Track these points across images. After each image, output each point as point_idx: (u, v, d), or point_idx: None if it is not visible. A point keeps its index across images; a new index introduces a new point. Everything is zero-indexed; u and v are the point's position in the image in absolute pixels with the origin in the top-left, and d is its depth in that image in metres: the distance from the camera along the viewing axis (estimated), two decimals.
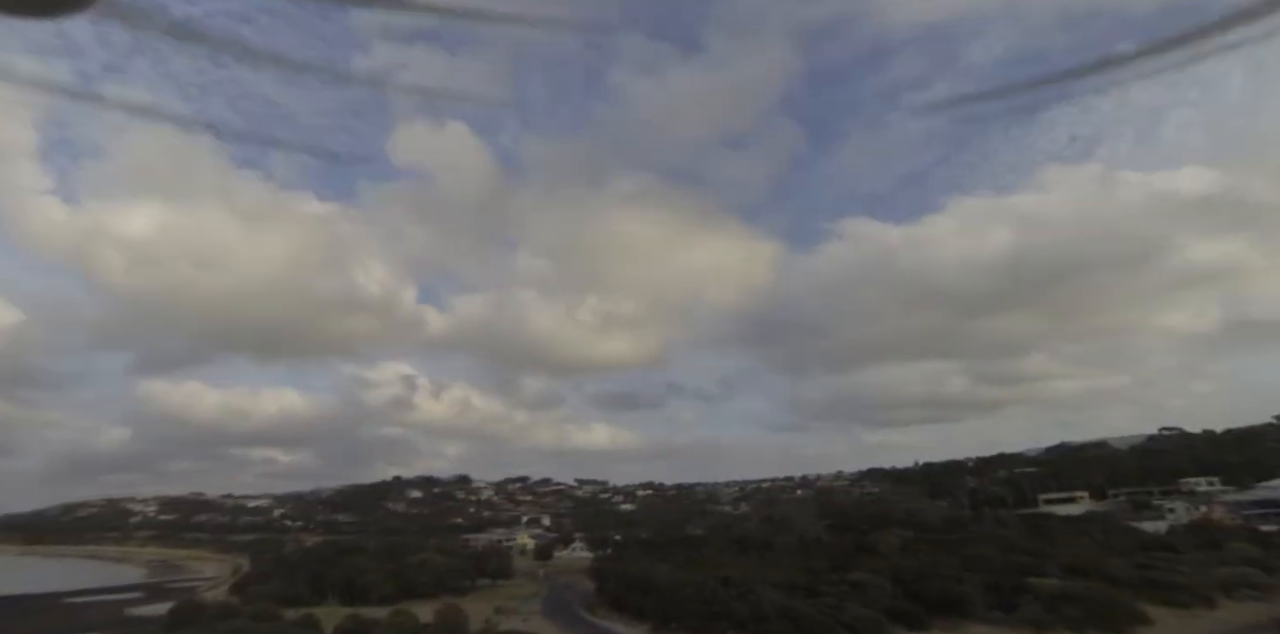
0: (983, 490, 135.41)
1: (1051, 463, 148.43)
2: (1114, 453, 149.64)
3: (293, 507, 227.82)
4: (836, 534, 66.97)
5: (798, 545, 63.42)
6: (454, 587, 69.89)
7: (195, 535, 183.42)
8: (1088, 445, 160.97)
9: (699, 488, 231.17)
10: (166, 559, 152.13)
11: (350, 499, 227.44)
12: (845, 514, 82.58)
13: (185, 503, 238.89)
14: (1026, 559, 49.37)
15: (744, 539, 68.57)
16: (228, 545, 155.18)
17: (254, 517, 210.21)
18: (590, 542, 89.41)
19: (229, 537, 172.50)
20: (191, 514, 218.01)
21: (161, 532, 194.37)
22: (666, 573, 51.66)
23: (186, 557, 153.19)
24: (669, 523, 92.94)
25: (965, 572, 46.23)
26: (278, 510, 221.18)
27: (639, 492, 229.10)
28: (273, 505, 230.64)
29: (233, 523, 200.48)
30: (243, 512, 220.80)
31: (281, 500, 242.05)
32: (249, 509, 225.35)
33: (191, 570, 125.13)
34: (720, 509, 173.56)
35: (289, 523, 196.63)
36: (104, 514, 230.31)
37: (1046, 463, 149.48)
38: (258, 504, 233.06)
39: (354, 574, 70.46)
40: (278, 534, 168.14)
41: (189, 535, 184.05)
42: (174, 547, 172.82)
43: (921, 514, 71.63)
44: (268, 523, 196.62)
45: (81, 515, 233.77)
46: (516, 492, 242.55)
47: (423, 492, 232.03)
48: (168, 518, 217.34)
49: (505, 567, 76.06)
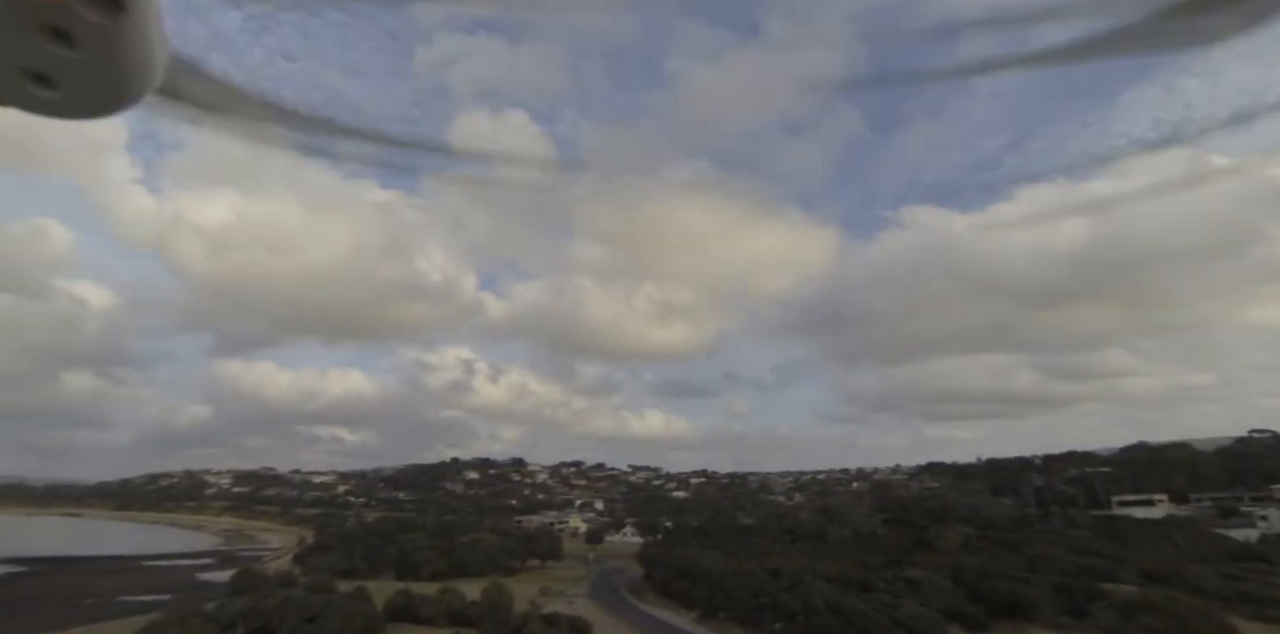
0: (1050, 489, 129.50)
1: (1127, 463, 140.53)
2: (1197, 455, 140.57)
3: (356, 483, 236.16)
4: (893, 528, 64.69)
5: (852, 538, 61.51)
6: (504, 566, 70.76)
7: (265, 508, 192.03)
8: (1168, 446, 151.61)
9: (752, 477, 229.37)
10: (239, 529, 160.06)
11: (410, 478, 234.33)
12: (902, 508, 79.88)
13: (257, 477, 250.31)
14: (1100, 563, 46.40)
15: (796, 530, 67.01)
16: (294, 518, 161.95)
17: (319, 492, 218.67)
18: (641, 527, 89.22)
19: (295, 510, 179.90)
20: (262, 487, 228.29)
21: (235, 503, 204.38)
22: (715, 561, 50.75)
23: (256, 527, 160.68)
24: (720, 511, 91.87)
25: (1032, 572, 43.75)
26: (342, 487, 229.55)
27: (692, 479, 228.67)
28: (337, 482, 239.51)
29: (300, 497, 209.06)
30: (309, 487, 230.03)
31: (345, 477, 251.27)
32: (315, 484, 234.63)
33: (260, 540, 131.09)
34: (773, 499, 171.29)
35: (352, 499, 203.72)
36: (183, 485, 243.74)
37: (1122, 463, 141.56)
38: (323, 480, 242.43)
39: (408, 551, 72.12)
40: (340, 509, 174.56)
41: (259, 507, 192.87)
42: (245, 517, 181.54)
43: (984, 511, 68.52)
44: (332, 498, 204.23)
45: (164, 485, 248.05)
46: (570, 476, 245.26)
47: (479, 473, 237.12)
48: (240, 490, 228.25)
49: (555, 548, 76.56)
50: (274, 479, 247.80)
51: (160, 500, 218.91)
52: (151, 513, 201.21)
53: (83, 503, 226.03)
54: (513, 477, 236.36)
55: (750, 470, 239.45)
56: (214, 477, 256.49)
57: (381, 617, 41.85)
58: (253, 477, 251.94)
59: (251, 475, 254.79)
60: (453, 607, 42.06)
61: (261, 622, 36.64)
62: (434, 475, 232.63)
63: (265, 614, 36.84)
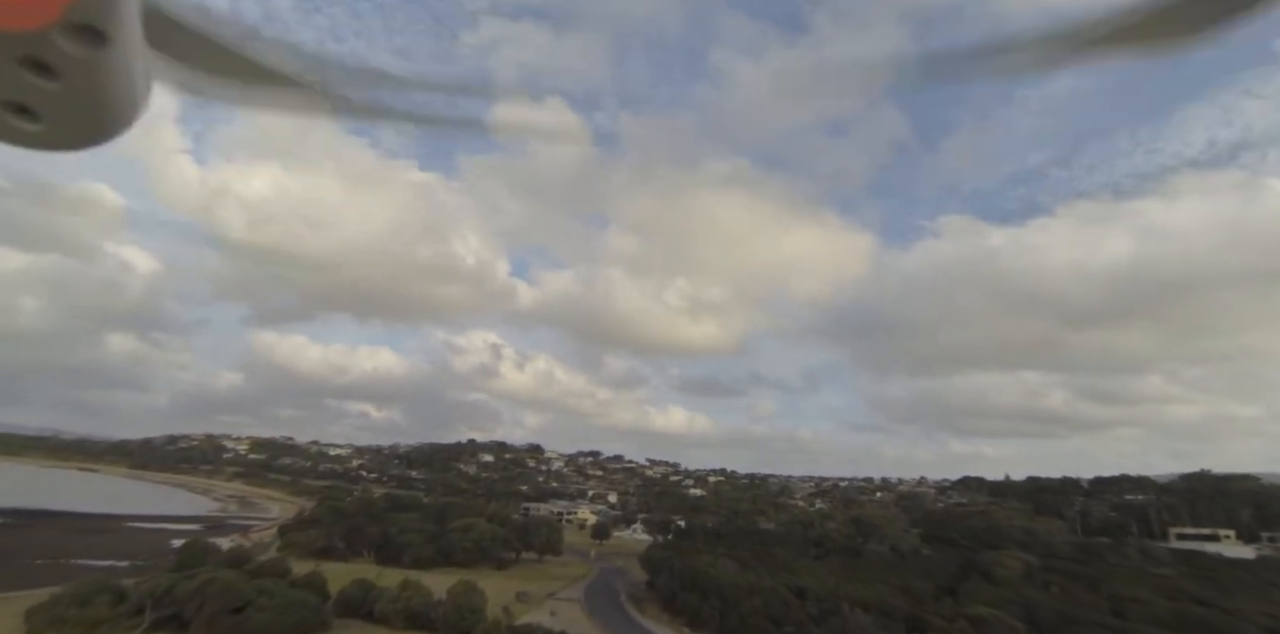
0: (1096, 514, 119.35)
1: (1186, 493, 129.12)
2: (1265, 488, 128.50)
3: (370, 458, 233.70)
4: (935, 547, 56.36)
5: (890, 557, 53.37)
6: (496, 557, 64.19)
7: (276, 476, 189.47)
8: (1233, 477, 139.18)
9: (772, 480, 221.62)
10: (244, 495, 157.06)
11: (425, 456, 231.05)
12: (940, 524, 71.38)
13: (274, 445, 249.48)
14: (1204, 613, 37.73)
15: (824, 541, 58.97)
16: (302, 488, 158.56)
17: (333, 465, 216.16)
18: (652, 525, 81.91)
19: (305, 480, 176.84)
20: (278, 456, 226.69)
21: (247, 470, 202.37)
22: (732, 572, 43.23)
23: (261, 495, 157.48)
24: (739, 513, 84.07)
25: (1121, 619, 35.40)
26: (356, 461, 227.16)
27: (710, 477, 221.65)
28: (352, 455, 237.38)
29: (313, 468, 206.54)
30: (324, 458, 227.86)
31: (361, 451, 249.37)
32: (330, 457, 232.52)
33: (260, 508, 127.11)
34: (794, 503, 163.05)
35: (364, 474, 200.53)
36: (202, 448, 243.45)
37: (1180, 492, 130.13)
38: (339, 453, 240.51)
39: (394, 532, 66.04)
40: (350, 483, 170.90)
41: (271, 475, 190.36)
42: (255, 485, 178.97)
43: (1042, 536, 59.71)
44: (345, 471, 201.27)
45: (183, 447, 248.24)
46: (587, 465, 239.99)
47: (495, 456, 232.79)
48: (256, 457, 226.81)
49: (554, 542, 69.70)
50: (290, 448, 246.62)
51: (176, 462, 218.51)
52: (165, 474, 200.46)
53: (101, 459, 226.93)
54: (528, 462, 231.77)
55: (771, 473, 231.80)
56: (232, 442, 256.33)
57: (329, 610, 35.30)
58: (270, 445, 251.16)
59: (269, 443, 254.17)
60: (413, 605, 35.26)
61: (174, 609, 30.28)
62: (449, 455, 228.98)
63: (180, 600, 30.46)
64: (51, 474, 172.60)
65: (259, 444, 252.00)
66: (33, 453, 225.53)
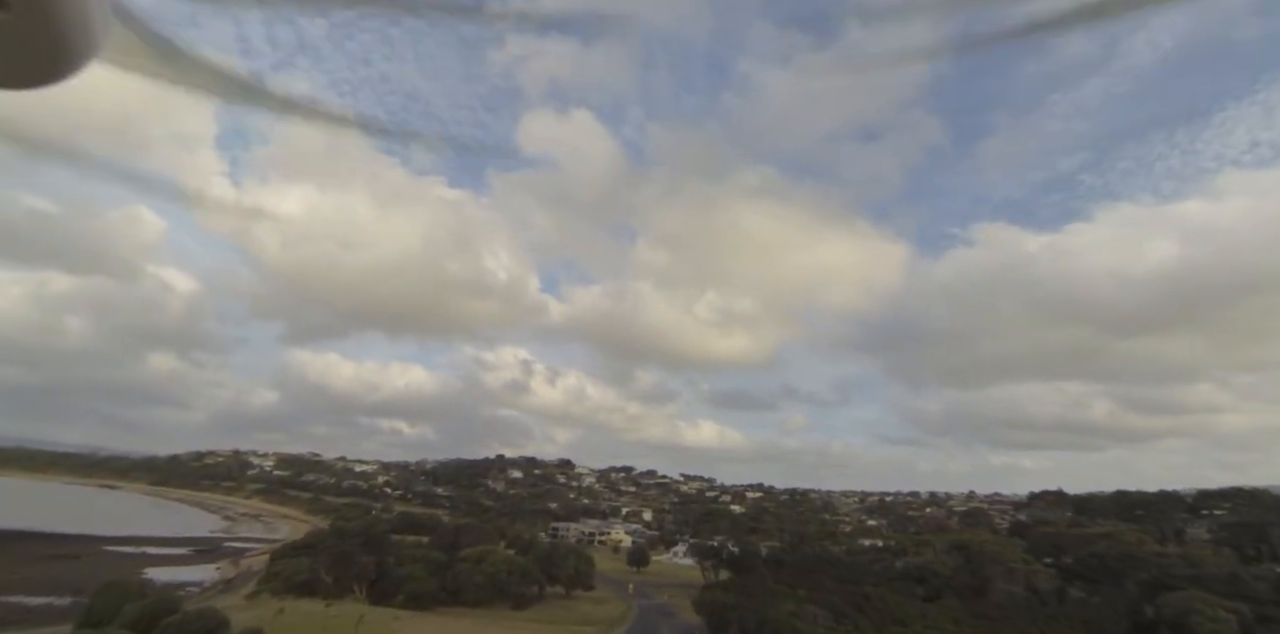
0: (1211, 534, 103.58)
1: None
2: None
3: (397, 475, 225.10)
4: (1081, 586, 43.37)
5: (1024, 600, 40.53)
6: (514, 593, 52.63)
7: (297, 493, 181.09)
8: None
9: (813, 494, 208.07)
10: (259, 513, 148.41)
11: (452, 473, 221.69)
12: (1058, 551, 58.03)
13: (300, 461, 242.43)
14: None
15: (929, 577, 46.16)
16: (322, 506, 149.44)
17: (358, 481, 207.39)
18: (698, 550, 69.82)
19: (326, 497, 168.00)
20: (302, 472, 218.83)
21: (269, 486, 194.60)
22: (826, 627, 31.20)
23: (278, 513, 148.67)
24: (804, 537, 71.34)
25: None
26: (382, 477, 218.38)
27: (748, 493, 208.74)
28: (378, 472, 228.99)
29: (336, 485, 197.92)
30: (349, 475, 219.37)
31: (388, 467, 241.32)
32: (355, 473, 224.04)
33: (270, 528, 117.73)
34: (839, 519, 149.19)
35: (389, 490, 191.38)
36: (227, 464, 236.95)
37: None
38: (364, 469, 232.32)
39: (393, 563, 55.06)
40: (372, 500, 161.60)
41: (291, 492, 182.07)
42: (274, 502, 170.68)
43: (1208, 567, 46.16)
44: (369, 488, 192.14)
45: (208, 463, 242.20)
46: (619, 481, 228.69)
47: (524, 472, 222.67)
48: (281, 474, 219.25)
49: (585, 574, 57.92)
50: (316, 464, 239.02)
51: (199, 478, 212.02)
52: (185, 490, 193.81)
53: (126, 476, 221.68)
54: (558, 478, 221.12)
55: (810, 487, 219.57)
56: (258, 458, 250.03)
57: None
58: (296, 461, 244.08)
59: (295, 460, 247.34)
60: None
61: None
62: (476, 472, 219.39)
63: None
64: (61, 490, 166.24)
65: (285, 460, 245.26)
66: (57, 469, 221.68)
